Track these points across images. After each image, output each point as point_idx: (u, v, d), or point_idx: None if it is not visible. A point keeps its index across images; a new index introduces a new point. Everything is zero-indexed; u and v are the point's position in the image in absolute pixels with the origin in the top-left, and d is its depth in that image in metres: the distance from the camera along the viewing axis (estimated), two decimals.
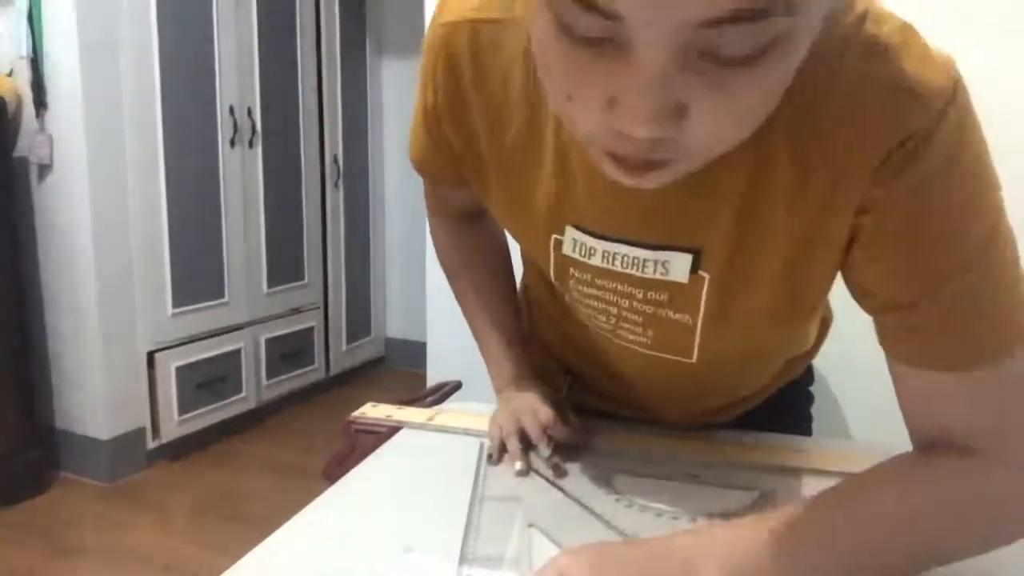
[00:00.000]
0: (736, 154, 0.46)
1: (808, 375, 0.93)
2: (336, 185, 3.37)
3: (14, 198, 2.29)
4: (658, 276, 0.58)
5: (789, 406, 0.90)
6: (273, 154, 2.96)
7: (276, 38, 2.94)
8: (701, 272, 0.57)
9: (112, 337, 2.39)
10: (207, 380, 2.71)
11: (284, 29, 2.99)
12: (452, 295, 0.97)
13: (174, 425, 2.60)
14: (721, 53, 0.36)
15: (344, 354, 3.50)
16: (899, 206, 0.49)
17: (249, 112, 2.82)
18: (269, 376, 3.03)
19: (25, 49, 2.24)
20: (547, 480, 0.73)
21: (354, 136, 3.46)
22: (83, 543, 2.10)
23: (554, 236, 0.63)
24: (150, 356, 2.51)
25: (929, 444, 0.55)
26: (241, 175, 2.81)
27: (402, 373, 3.71)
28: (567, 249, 0.63)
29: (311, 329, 3.27)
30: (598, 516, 0.66)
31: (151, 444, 2.55)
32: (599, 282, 0.63)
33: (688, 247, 0.56)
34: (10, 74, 2.30)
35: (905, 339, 0.52)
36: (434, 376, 2.07)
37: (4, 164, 2.24)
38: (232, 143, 2.74)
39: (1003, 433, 0.52)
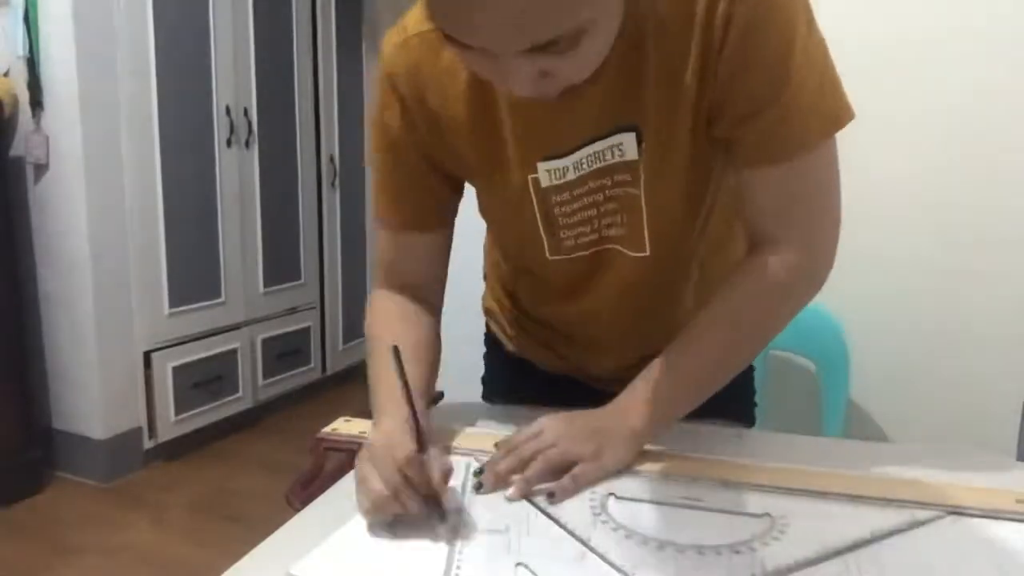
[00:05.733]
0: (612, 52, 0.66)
1: None
2: (332, 185, 3.37)
3: (10, 198, 2.29)
4: (617, 159, 0.74)
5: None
6: (269, 154, 2.97)
7: (272, 38, 2.94)
8: (644, 146, 0.73)
9: (108, 337, 2.40)
10: (204, 380, 2.71)
11: (280, 29, 2.99)
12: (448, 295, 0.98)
13: (170, 425, 2.60)
14: (546, 52, 0.55)
15: (340, 353, 3.51)
16: (737, 43, 0.66)
17: (245, 112, 2.82)
18: (265, 376, 3.04)
19: (21, 49, 2.24)
20: (536, 507, 0.68)
21: (350, 136, 3.46)
22: (80, 543, 2.11)
23: (530, 177, 0.77)
24: (146, 356, 2.52)
25: (754, 244, 0.76)
26: (237, 175, 2.82)
27: None
28: (544, 182, 0.77)
29: (307, 329, 3.27)
30: (593, 550, 0.60)
31: (148, 444, 2.55)
32: (578, 192, 0.77)
33: (629, 126, 0.72)
34: (6, 74, 2.30)
35: (750, 144, 0.70)
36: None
37: (0, 164, 2.24)
38: (228, 143, 2.75)
39: (798, 219, 0.73)
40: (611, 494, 0.70)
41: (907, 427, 1.61)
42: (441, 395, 1.02)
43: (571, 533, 0.63)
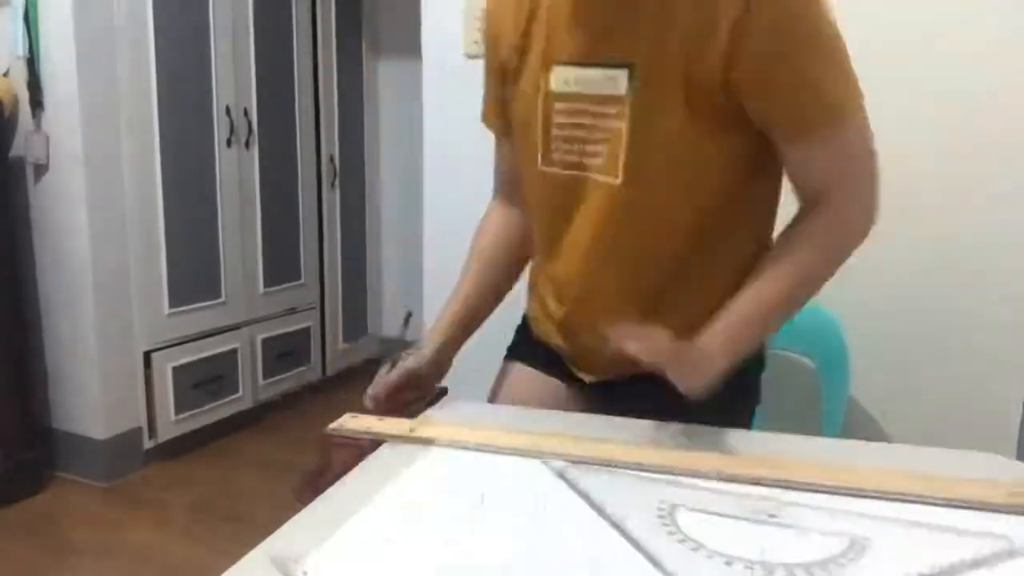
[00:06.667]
0: None
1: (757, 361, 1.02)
2: (332, 185, 3.37)
3: (10, 198, 2.29)
4: (609, 92, 0.85)
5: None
6: (269, 154, 2.96)
7: (272, 38, 2.94)
8: (633, 84, 0.83)
9: (109, 337, 2.40)
10: (204, 380, 2.71)
11: (280, 29, 2.98)
12: (449, 295, 1.08)
13: (171, 425, 2.60)
14: None
15: (340, 354, 3.50)
16: (767, 21, 0.76)
17: (245, 112, 2.82)
18: (265, 376, 3.04)
19: (21, 49, 2.24)
20: (600, 514, 0.67)
21: (350, 136, 3.46)
22: (80, 543, 2.11)
23: (542, 79, 0.91)
24: (147, 356, 2.51)
25: (808, 204, 0.86)
26: (237, 175, 2.82)
27: None
28: (553, 85, 0.90)
29: (307, 329, 3.27)
30: (656, 563, 0.59)
31: (148, 444, 2.55)
32: (574, 107, 0.89)
33: (623, 63, 0.84)
34: (6, 74, 2.30)
35: (788, 118, 0.82)
36: None
37: (0, 164, 2.24)
38: (228, 143, 2.75)
39: (843, 180, 0.85)
40: (678, 505, 0.69)
41: (907, 427, 1.61)
42: (445, 391, 1.04)
43: (635, 543, 0.62)
